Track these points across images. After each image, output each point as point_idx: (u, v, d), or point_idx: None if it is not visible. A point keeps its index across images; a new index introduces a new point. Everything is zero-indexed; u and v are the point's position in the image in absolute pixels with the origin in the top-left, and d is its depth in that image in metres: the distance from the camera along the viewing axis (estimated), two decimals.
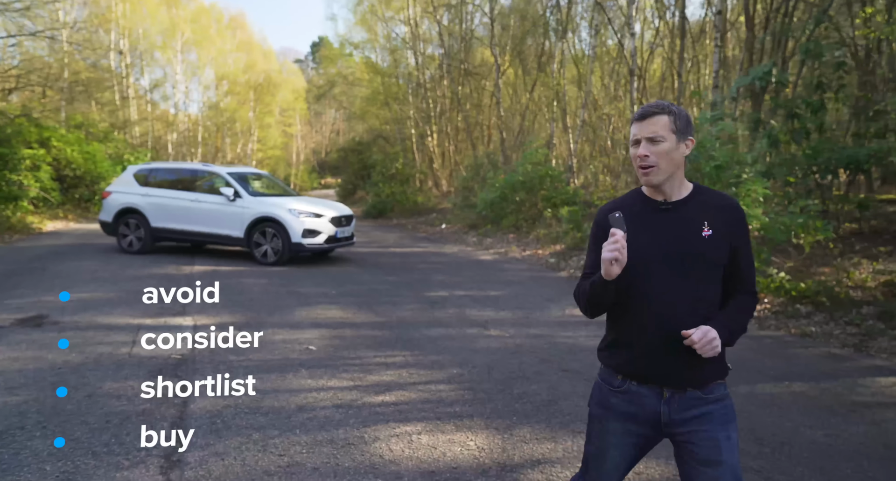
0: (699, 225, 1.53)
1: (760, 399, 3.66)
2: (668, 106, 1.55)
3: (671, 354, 1.51)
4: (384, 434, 3.02)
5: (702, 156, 6.53)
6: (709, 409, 1.53)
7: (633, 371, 1.57)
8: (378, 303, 6.20)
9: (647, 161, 1.51)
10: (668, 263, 1.51)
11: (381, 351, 4.52)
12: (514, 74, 20.64)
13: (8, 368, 3.78)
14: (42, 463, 2.57)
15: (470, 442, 2.97)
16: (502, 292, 7.15)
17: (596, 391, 1.67)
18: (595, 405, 1.66)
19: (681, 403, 1.53)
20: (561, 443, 2.99)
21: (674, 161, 1.53)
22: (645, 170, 1.53)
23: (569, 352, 4.63)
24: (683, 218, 1.54)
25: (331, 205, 9.49)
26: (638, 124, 1.54)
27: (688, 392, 1.53)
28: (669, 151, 1.51)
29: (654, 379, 1.54)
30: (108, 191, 9.58)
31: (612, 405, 1.60)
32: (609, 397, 1.61)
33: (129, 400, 3.34)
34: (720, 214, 1.55)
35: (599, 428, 1.62)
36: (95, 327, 4.86)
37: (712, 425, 1.51)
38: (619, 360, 1.60)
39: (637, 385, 1.56)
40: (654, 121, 1.51)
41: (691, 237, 1.52)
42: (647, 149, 1.50)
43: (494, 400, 3.55)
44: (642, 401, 1.56)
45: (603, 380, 1.65)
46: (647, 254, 1.51)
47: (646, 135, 1.51)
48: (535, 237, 11.88)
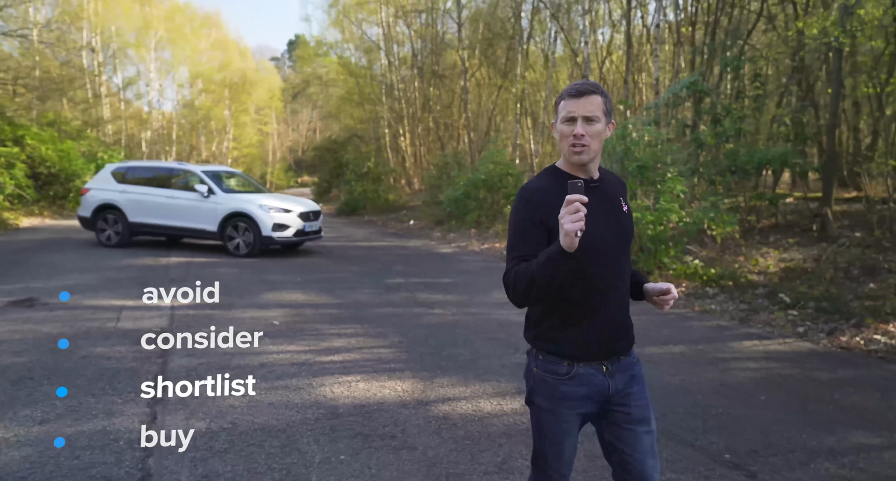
0: (619, 201, 1.60)
1: (642, 356, 4.49)
2: (601, 87, 1.56)
3: (616, 329, 1.58)
4: (329, 382, 3.76)
5: (627, 156, 7.40)
6: (634, 371, 1.62)
7: (584, 353, 1.55)
8: (339, 288, 6.92)
9: (582, 140, 1.50)
10: (608, 241, 1.54)
11: (335, 325, 5.26)
12: (485, 76, 21.45)
13: (10, 338, 4.41)
14: (52, 400, 3.25)
15: (397, 387, 3.72)
16: (453, 280, 7.93)
17: (538, 385, 1.60)
18: (542, 399, 1.60)
19: (619, 373, 1.58)
20: (470, 387, 3.76)
21: (601, 142, 1.55)
22: (578, 149, 1.52)
23: (499, 326, 5.41)
24: (608, 195, 1.58)
25: (299, 202, 10.15)
26: (574, 101, 1.51)
27: (621, 360, 1.59)
28: (601, 132, 1.53)
29: (600, 356, 1.56)
30: (87, 187, 10.10)
31: (564, 393, 1.56)
32: (557, 386, 1.57)
33: (118, 360, 4.02)
34: (621, 189, 1.66)
35: (551, 419, 1.58)
36: (82, 307, 5.48)
37: (640, 386, 1.61)
38: (567, 345, 1.56)
39: (583, 366, 1.55)
40: (590, 100, 1.51)
41: (618, 213, 1.58)
42: (584, 129, 1.50)
43: (424, 360, 4.31)
44: (591, 380, 1.55)
45: (545, 371, 1.59)
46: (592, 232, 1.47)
47: (583, 114, 1.50)
48: (495, 232, 12.69)
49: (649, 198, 7.54)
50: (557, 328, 1.57)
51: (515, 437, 3.03)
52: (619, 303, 1.58)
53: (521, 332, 1.70)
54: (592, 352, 1.55)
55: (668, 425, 3.20)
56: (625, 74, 12.09)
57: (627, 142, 7.46)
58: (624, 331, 1.60)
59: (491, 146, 14.52)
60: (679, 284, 7.18)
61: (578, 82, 1.56)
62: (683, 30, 11.93)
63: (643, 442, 1.57)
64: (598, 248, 1.51)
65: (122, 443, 2.82)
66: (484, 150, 16.67)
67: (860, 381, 4.05)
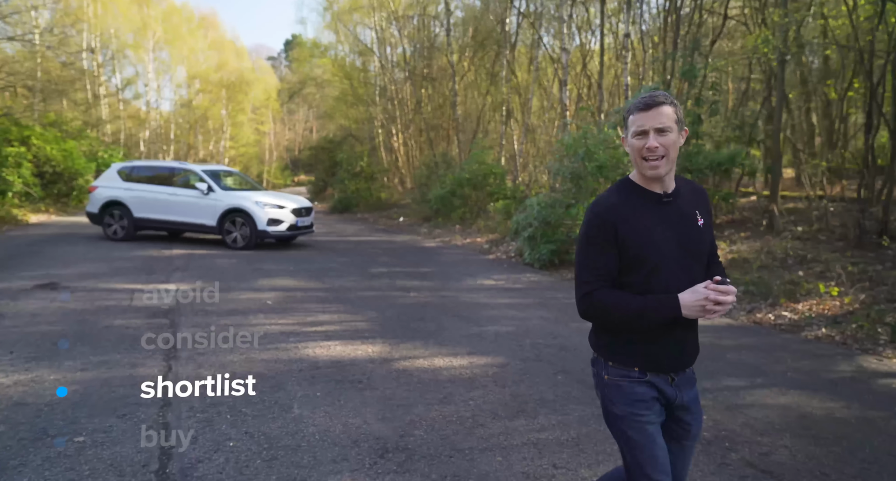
0: (694, 215, 1.57)
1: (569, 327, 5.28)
2: (670, 96, 1.53)
3: (686, 343, 1.59)
4: (311, 345, 4.53)
5: (588, 157, 8.18)
6: (695, 389, 1.65)
7: (655, 366, 1.57)
8: (326, 276, 7.70)
9: (657, 152, 1.48)
10: (680, 258, 1.52)
11: (321, 304, 6.03)
12: (474, 79, 22.21)
13: (42, 312, 5.17)
14: (86, 356, 4.01)
15: (368, 349, 4.50)
16: (432, 270, 8.71)
17: (613, 391, 1.61)
18: (619, 405, 1.59)
19: (683, 385, 1.60)
20: (429, 350, 4.53)
21: (677, 152, 1.52)
22: (654, 163, 1.49)
23: (465, 306, 6.19)
24: (682, 210, 1.56)
25: (292, 199, 10.91)
26: (643, 114, 1.49)
27: (686, 371, 1.62)
28: (675, 142, 1.50)
29: (670, 368, 1.58)
30: (95, 185, 10.83)
31: (639, 394, 1.57)
32: (634, 388, 1.58)
33: (135, 329, 4.78)
34: (700, 200, 1.61)
35: (636, 427, 1.56)
36: (99, 290, 6.25)
37: (699, 405, 1.65)
38: (640, 358, 1.58)
39: (653, 375, 1.58)
40: (661, 112, 1.48)
41: (692, 229, 1.55)
42: (658, 140, 1.47)
43: (394, 331, 5.08)
44: (661, 387, 1.59)
45: (618, 377, 1.60)
46: (664, 248, 1.49)
47: (655, 126, 1.47)
48: (477, 228, 13.48)
49: None
50: (633, 341, 1.57)
51: (458, 382, 3.81)
52: (691, 320, 1.56)
53: (487, 313, 2.28)
54: (663, 364, 1.57)
55: (581, 373, 3.99)
56: (598, 80, 12.86)
57: (588, 143, 8.24)
58: (692, 344, 1.62)
59: (475, 147, 15.28)
60: None
61: (647, 94, 1.52)
62: (655, 39, 12.72)
63: (688, 457, 1.66)
64: (670, 266, 1.51)
65: (147, 378, 3.58)
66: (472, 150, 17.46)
67: (755, 346, 4.85)
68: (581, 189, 8.28)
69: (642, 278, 1.51)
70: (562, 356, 4.45)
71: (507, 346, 4.68)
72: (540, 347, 4.67)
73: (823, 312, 5.76)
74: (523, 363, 4.27)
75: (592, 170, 7.96)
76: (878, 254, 7.42)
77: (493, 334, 5.05)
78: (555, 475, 2.64)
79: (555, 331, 5.18)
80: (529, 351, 4.57)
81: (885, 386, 3.99)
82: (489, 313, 5.84)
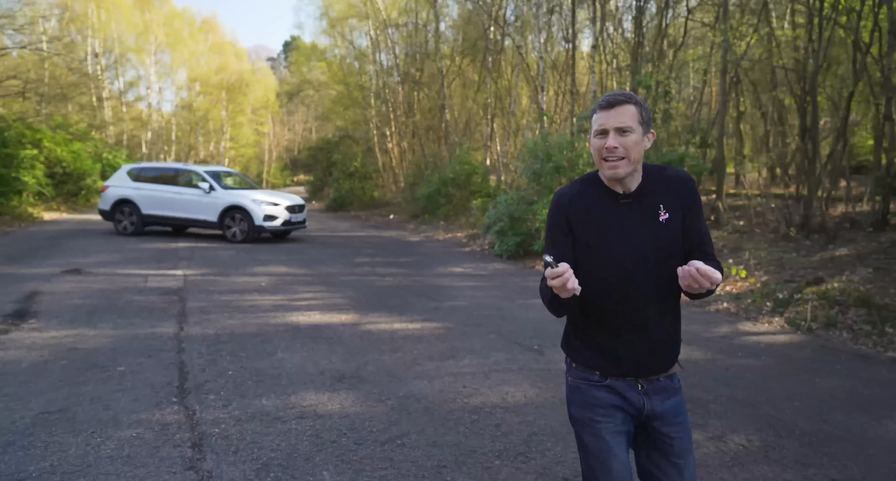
0: (656, 210, 1.49)
1: (503, 302, 6.32)
2: (634, 96, 1.47)
3: (650, 346, 1.50)
4: (295, 314, 5.57)
5: (547, 158, 9.20)
6: (679, 400, 1.54)
7: (615, 368, 1.51)
8: (315, 264, 8.74)
9: (616, 153, 1.42)
10: (635, 257, 1.46)
11: (307, 286, 7.07)
12: (462, 83, 23.24)
13: (73, 291, 6.22)
14: (115, 320, 5.05)
15: (341, 318, 5.53)
16: (411, 260, 9.75)
17: (573, 393, 1.58)
18: (578, 408, 1.56)
19: (658, 394, 1.52)
20: (392, 319, 5.56)
21: (640, 153, 1.45)
22: (612, 164, 1.44)
23: (431, 288, 7.22)
24: (642, 208, 1.49)
25: (287, 197, 11.94)
26: (605, 113, 1.44)
27: (659, 381, 1.53)
28: (637, 143, 1.44)
29: (631, 372, 1.51)
30: (106, 185, 11.87)
31: (597, 400, 1.52)
32: (591, 391, 1.54)
33: (152, 303, 5.82)
34: (672, 191, 1.51)
35: (591, 432, 1.52)
36: (116, 274, 7.29)
37: (684, 417, 1.53)
38: (594, 357, 1.54)
39: (616, 380, 1.52)
40: (622, 111, 1.43)
41: (652, 226, 1.48)
42: (617, 141, 1.42)
43: (366, 305, 6.11)
44: (625, 394, 1.51)
45: (578, 379, 1.57)
46: (615, 250, 1.45)
47: (615, 126, 1.42)
48: (460, 224, 14.51)
49: None
50: (588, 341, 1.55)
51: (409, 339, 4.84)
52: (655, 320, 1.50)
53: (449, 293, 2.98)
54: (625, 367, 1.51)
55: (510, 334, 5.02)
56: (571, 87, 13.89)
57: (547, 146, 9.27)
58: (661, 349, 1.52)
59: (458, 149, 16.31)
60: None
61: (611, 93, 1.49)
62: (623, 48, 13.74)
63: (685, 476, 1.51)
64: (626, 268, 1.46)
65: (165, 338, 4.62)
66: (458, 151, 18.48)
67: None
68: (542, 187, 9.31)
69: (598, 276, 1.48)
70: (499, 323, 5.48)
71: (457, 316, 5.71)
72: (484, 317, 5.70)
73: (731, 291, 6.80)
74: (465, 327, 5.30)
75: (549, 171, 8.99)
76: (797, 245, 8.46)
77: (448, 308, 6.09)
78: (461, 391, 3.67)
79: (501, 306, 6.22)
80: (474, 319, 5.61)
81: (743, 341, 5.03)
82: (450, 293, 6.88)
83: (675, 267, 1.44)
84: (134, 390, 3.49)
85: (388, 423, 3.16)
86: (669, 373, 1.55)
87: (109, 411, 3.17)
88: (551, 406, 3.46)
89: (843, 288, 6.07)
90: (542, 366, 4.21)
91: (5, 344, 4.30)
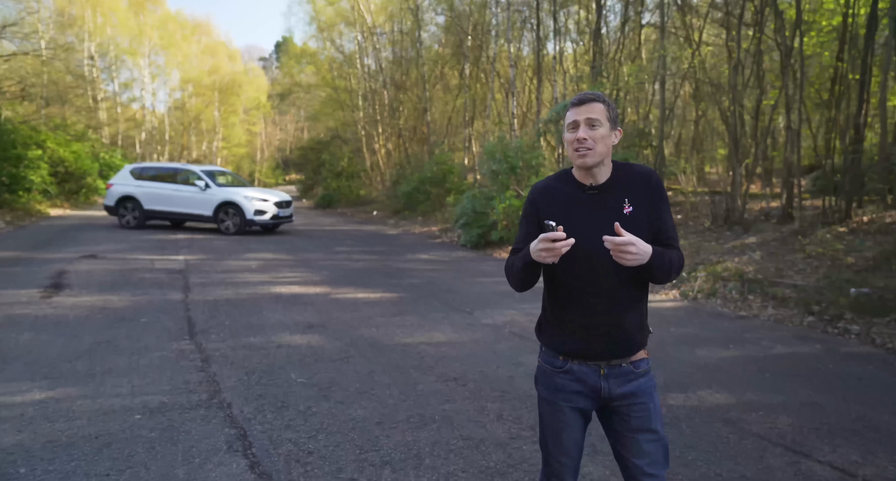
0: (621, 203, 1.60)
1: (454, 275, 7.60)
2: (602, 96, 1.60)
3: (611, 333, 1.61)
4: (278, 287, 6.82)
5: (504, 159, 10.49)
6: (639, 383, 1.64)
7: (574, 351, 1.63)
8: (298, 252, 9.99)
9: (585, 144, 1.55)
10: (597, 245, 1.53)
11: (290, 268, 8.32)
12: (441, 89, 24.51)
13: (93, 270, 7.44)
14: (132, 291, 6.29)
15: (316, 290, 6.79)
16: (384, 249, 11.02)
17: (540, 374, 1.73)
18: (542, 388, 1.72)
19: (617, 378, 1.62)
20: (358, 291, 6.81)
21: (607, 146, 1.58)
22: (581, 153, 1.56)
23: (396, 270, 8.49)
24: (606, 199, 1.60)
25: (275, 194, 13.17)
26: (576, 109, 1.58)
27: (622, 367, 1.63)
28: (605, 137, 1.56)
29: (593, 356, 1.62)
30: (111, 183, 13.05)
31: (559, 385, 1.66)
32: (554, 378, 1.67)
33: (160, 279, 7.05)
34: (637, 186, 1.62)
35: (550, 409, 1.69)
36: (127, 259, 8.51)
37: (643, 397, 1.63)
38: (559, 341, 1.67)
39: (578, 364, 1.64)
40: (591, 108, 1.56)
41: (615, 217, 1.57)
42: (586, 133, 1.55)
43: (338, 282, 7.37)
44: (585, 378, 1.63)
45: (545, 362, 1.71)
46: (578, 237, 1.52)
47: (584, 118, 1.56)
48: (436, 219, 15.79)
49: (522, 188, 10.66)
50: (554, 325, 1.68)
51: (368, 304, 6.10)
52: (616, 308, 1.60)
53: (410, 274, 4.03)
54: (587, 352, 1.62)
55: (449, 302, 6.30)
56: (537, 94, 15.20)
57: (504, 148, 10.56)
58: (622, 336, 1.62)
59: (437, 150, 17.59)
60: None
61: (582, 92, 1.62)
62: (584, 58, 15.04)
63: (643, 449, 1.61)
64: (587, 255, 1.56)
65: (175, 302, 5.87)
66: (437, 152, 19.74)
67: None
68: (499, 185, 10.60)
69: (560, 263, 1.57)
70: (445, 295, 6.76)
71: (412, 290, 6.98)
72: (434, 290, 6.98)
73: None
74: (416, 297, 6.58)
75: (505, 170, 10.28)
76: (718, 234, 9.81)
77: (406, 284, 7.36)
78: (398, 334, 4.94)
79: (452, 284, 7.49)
80: (425, 292, 6.88)
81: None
82: (411, 274, 8.15)
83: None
84: (156, 333, 4.74)
85: (340, 351, 4.43)
86: (633, 360, 1.64)
87: (141, 343, 4.43)
88: (462, 344, 4.74)
89: (729, 267, 7.40)
90: (467, 322, 5.49)
91: (53, 304, 5.54)
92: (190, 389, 3.53)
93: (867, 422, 3.26)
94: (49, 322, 4.93)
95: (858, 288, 5.96)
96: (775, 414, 3.36)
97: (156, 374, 3.76)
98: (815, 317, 5.64)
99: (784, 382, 3.92)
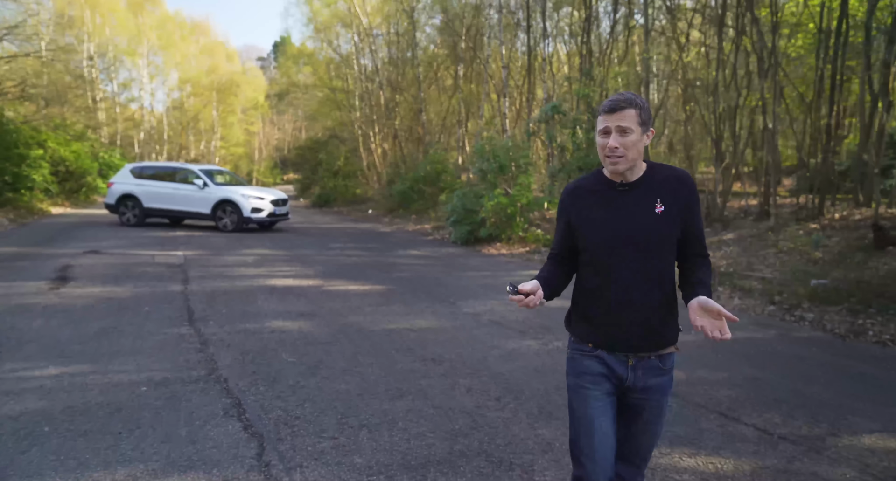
0: (652, 202, 1.62)
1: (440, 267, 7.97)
2: (635, 99, 1.60)
3: (640, 327, 1.63)
4: (273, 280, 7.18)
5: (492, 158, 10.85)
6: (662, 380, 1.68)
7: (602, 342, 1.68)
8: (293, 248, 10.35)
9: (616, 152, 1.58)
10: (625, 241, 1.59)
11: (284, 262, 8.68)
12: (436, 89, 24.86)
13: (96, 264, 7.80)
14: (135, 283, 6.65)
15: (309, 282, 7.15)
16: (377, 245, 11.38)
17: (569, 364, 1.77)
18: (571, 377, 1.74)
19: (644, 371, 1.66)
20: (349, 283, 7.17)
21: (638, 151, 1.60)
22: (613, 160, 1.60)
23: (387, 265, 8.85)
24: (638, 197, 1.64)
25: (272, 192, 13.53)
26: (607, 116, 1.60)
27: (650, 359, 1.67)
28: (636, 142, 1.59)
29: (621, 348, 1.66)
30: (112, 182, 13.39)
31: (587, 367, 1.70)
32: (582, 361, 1.72)
33: (161, 273, 7.41)
34: (671, 188, 1.64)
35: (579, 396, 1.70)
36: (128, 254, 8.86)
37: (660, 395, 1.69)
38: (588, 333, 1.71)
39: (606, 353, 1.68)
40: (622, 115, 1.58)
41: (645, 214, 1.61)
42: (617, 141, 1.58)
43: (330, 275, 7.73)
44: (611, 364, 1.68)
45: (574, 349, 1.76)
46: (605, 232, 1.60)
47: (615, 125, 1.58)
48: (429, 217, 16.15)
49: (510, 186, 11.04)
50: (583, 319, 1.73)
51: (358, 295, 6.46)
52: (645, 303, 1.62)
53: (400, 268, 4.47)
54: (616, 345, 1.66)
55: (430, 290, 6.67)
56: (527, 94, 15.57)
57: (493, 148, 10.92)
58: (650, 331, 1.64)
59: (431, 150, 17.95)
60: (527, 246, 10.68)
61: (613, 97, 1.62)
62: (575, 59, 15.40)
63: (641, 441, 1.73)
64: (614, 250, 1.61)
65: (175, 293, 6.22)
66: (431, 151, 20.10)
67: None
68: (488, 183, 10.97)
69: (589, 257, 1.65)
70: (432, 287, 7.12)
71: (400, 283, 7.35)
72: (421, 283, 7.34)
73: None
74: (404, 289, 6.94)
75: (493, 169, 10.65)
76: None
77: (395, 277, 7.72)
78: (384, 321, 5.31)
79: (439, 277, 7.86)
80: (413, 284, 7.25)
81: None
82: (401, 268, 8.52)
83: (667, 256, 1.63)
84: (158, 320, 5.11)
85: (329, 336, 4.79)
86: (661, 354, 1.68)
87: (144, 328, 4.79)
88: (442, 330, 5.11)
89: None
90: (449, 311, 5.85)
91: (61, 294, 5.90)
92: (190, 367, 3.89)
93: (797, 393, 3.64)
94: (58, 310, 5.28)
95: (818, 279, 6.34)
96: (718, 387, 3.74)
97: (159, 355, 4.12)
98: (775, 306, 6.02)
99: (732, 362, 4.30)
